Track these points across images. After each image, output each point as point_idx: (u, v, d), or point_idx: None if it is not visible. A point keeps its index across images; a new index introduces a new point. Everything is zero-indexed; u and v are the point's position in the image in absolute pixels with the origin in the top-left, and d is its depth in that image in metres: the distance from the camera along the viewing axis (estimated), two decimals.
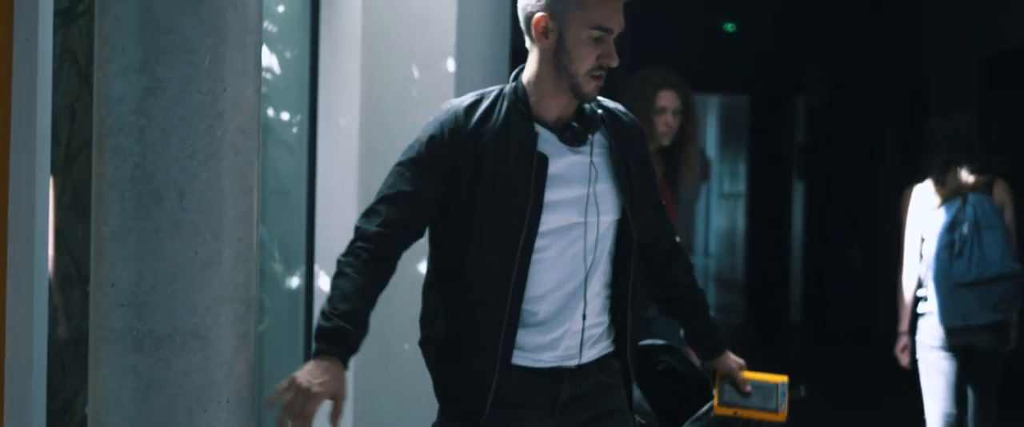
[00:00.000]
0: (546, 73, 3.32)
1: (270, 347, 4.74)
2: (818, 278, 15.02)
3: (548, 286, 3.34)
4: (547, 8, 3.27)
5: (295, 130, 4.97)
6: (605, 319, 3.44)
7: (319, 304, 4.96)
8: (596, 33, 3.26)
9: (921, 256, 6.34)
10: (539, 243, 3.31)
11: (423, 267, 3.53)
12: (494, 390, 3.31)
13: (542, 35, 3.28)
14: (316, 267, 5.00)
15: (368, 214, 3.32)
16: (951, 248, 6.17)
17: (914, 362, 6.42)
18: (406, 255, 3.34)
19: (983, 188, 6.27)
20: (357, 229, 3.31)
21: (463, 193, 3.30)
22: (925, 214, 6.32)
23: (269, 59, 4.67)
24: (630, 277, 3.44)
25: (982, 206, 6.21)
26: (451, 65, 5.16)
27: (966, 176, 6.28)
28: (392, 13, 5.14)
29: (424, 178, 3.30)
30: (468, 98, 3.35)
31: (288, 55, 4.88)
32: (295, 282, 4.95)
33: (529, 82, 3.35)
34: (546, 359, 3.37)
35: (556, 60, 3.29)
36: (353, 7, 5.00)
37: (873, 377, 11.00)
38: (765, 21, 14.62)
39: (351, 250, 3.27)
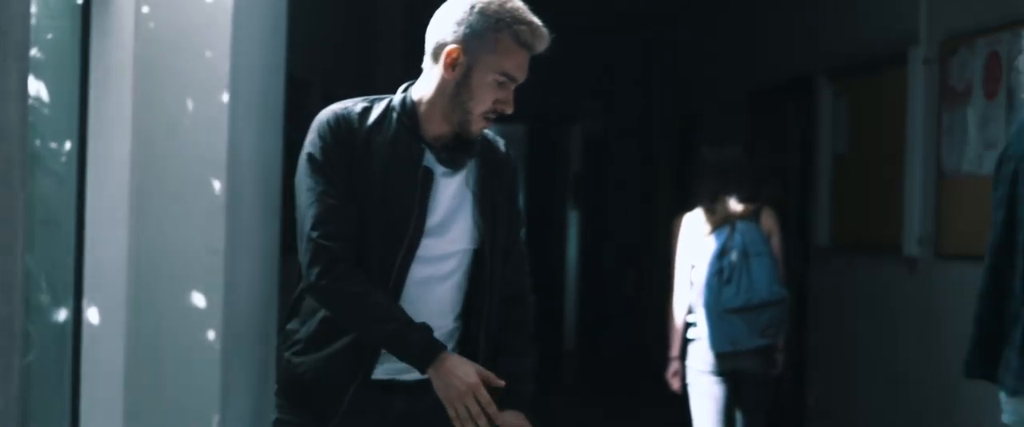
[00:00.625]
0: (440, 100, 3.36)
1: (36, 380, 4.62)
2: (593, 305, 15.22)
3: (414, 303, 3.35)
4: (462, 42, 3.31)
5: (64, 159, 4.86)
6: (453, 346, 3.43)
7: (88, 336, 4.86)
8: (501, 79, 3.36)
9: (692, 283, 6.48)
10: (415, 263, 3.35)
11: None
12: (350, 397, 3.34)
13: (450, 66, 3.32)
14: (84, 299, 4.89)
15: (325, 236, 3.27)
16: (720, 275, 6.32)
17: (685, 387, 6.55)
18: None
19: (751, 216, 6.44)
20: (325, 249, 3.26)
21: (352, 200, 3.33)
22: (695, 242, 6.46)
23: (37, 87, 4.56)
24: (483, 310, 3.44)
25: (750, 234, 6.37)
26: (225, 96, 5.12)
27: (735, 205, 6.44)
28: (166, 43, 5.07)
29: (340, 184, 3.29)
30: (357, 105, 3.37)
31: (57, 83, 4.77)
32: (62, 314, 4.84)
33: (420, 101, 3.38)
34: (380, 372, 3.39)
35: (455, 92, 3.34)
36: (125, 35, 4.92)
37: (645, 402, 11.18)
38: (542, 52, 14.76)
39: (339, 272, 3.27)
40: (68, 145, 4.88)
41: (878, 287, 8.56)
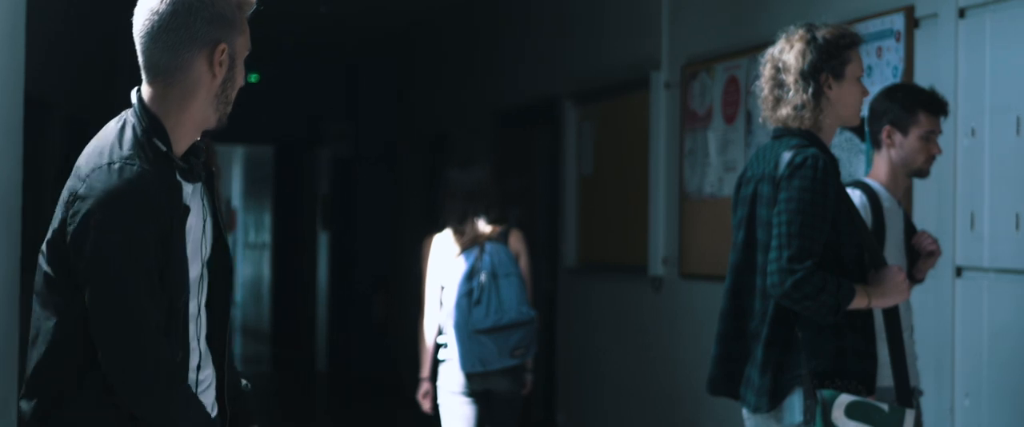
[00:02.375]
0: (201, 107, 3.03)
1: None
2: (343, 327, 15.15)
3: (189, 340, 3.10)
4: (224, 37, 3.03)
5: None
6: (210, 373, 3.18)
7: None
8: (244, 56, 3.11)
9: (441, 304, 6.50)
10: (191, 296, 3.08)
11: None
12: None
13: (219, 65, 3.02)
14: None
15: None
16: (470, 296, 6.35)
17: (436, 407, 6.56)
18: None
19: (499, 237, 6.49)
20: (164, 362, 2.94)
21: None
22: (445, 263, 6.49)
23: None
24: (227, 325, 3.21)
25: (499, 255, 6.43)
26: None
27: (483, 226, 6.49)
28: None
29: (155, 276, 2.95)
30: (125, 141, 2.95)
31: None
32: None
33: (165, 117, 3.01)
34: None
35: (222, 90, 3.05)
36: None
37: (397, 424, 11.16)
38: (289, 72, 14.70)
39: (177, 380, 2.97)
40: None
41: (625, 306, 8.72)
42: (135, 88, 3.06)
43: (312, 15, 12.35)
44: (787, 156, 4.21)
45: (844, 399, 4.06)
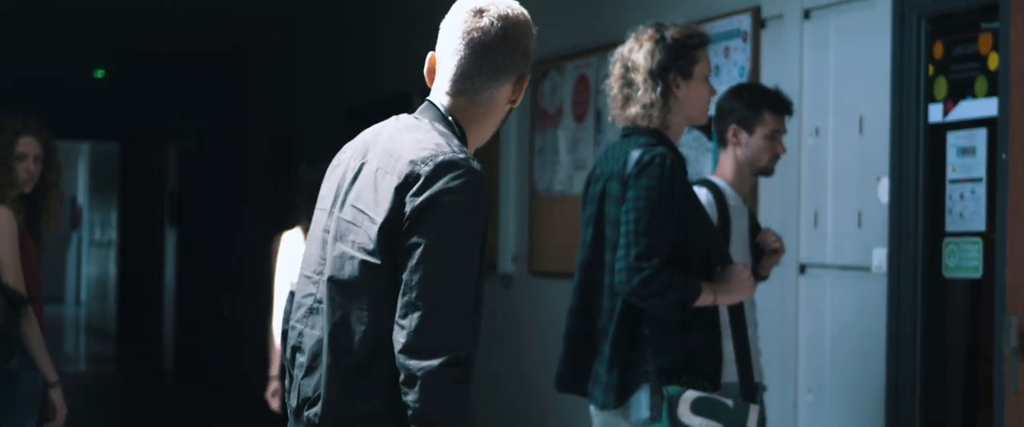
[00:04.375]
0: (491, 127, 3.15)
1: None
2: (190, 326, 14.98)
3: None
4: (527, 69, 3.12)
5: None
6: None
7: None
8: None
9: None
10: None
11: None
12: None
13: (519, 94, 3.11)
14: None
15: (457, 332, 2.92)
16: None
17: (285, 406, 6.51)
18: None
19: None
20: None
21: None
22: (294, 261, 6.44)
23: None
24: None
25: None
26: None
27: None
28: None
29: None
30: (454, 142, 3.00)
31: None
32: None
33: (468, 131, 3.12)
34: None
35: (507, 115, 3.15)
36: None
37: (245, 422, 11.07)
38: (136, 68, 14.50)
39: (466, 384, 2.94)
40: None
41: None
42: (433, 96, 3.09)
43: (159, 9, 12.20)
44: (636, 155, 4.25)
45: (690, 395, 4.11)
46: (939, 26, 5.32)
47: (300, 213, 6.52)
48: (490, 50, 3.02)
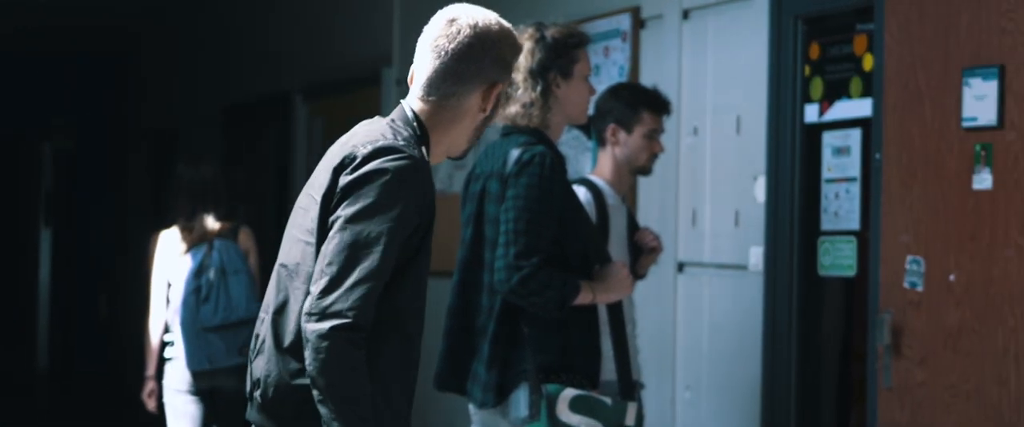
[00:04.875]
0: (460, 134, 3.18)
1: None
2: (66, 326, 14.76)
3: None
4: (501, 78, 3.17)
5: None
6: None
7: None
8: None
9: (168, 301, 6.38)
10: None
11: None
12: None
13: (490, 102, 3.17)
14: None
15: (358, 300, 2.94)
16: (198, 293, 6.25)
17: (161, 407, 6.44)
18: None
19: (229, 234, 6.41)
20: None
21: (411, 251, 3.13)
22: (172, 260, 6.37)
23: None
24: None
25: (228, 252, 6.34)
26: None
27: (212, 223, 6.39)
28: None
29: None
30: (404, 137, 3.07)
31: None
32: None
33: (433, 135, 3.17)
34: None
35: (481, 123, 3.21)
36: None
37: (121, 423, 10.94)
38: (10, 63, 14.25)
39: (359, 346, 2.93)
40: None
41: None
42: (405, 99, 3.16)
43: (33, 4, 12.00)
44: (515, 154, 4.25)
45: (569, 393, 4.13)
46: (815, 27, 5.39)
47: (178, 212, 6.45)
48: (456, 57, 3.10)
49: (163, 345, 6.41)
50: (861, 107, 5.14)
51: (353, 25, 8.90)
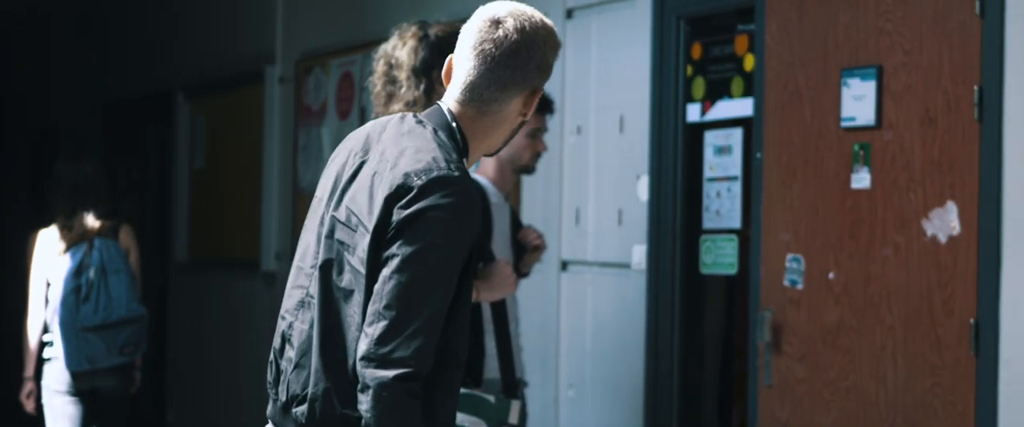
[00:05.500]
0: (498, 139, 3.09)
1: None
2: None
3: None
4: (541, 84, 3.04)
5: None
6: None
7: None
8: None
9: (47, 301, 6.29)
10: None
11: None
12: None
13: (530, 108, 3.04)
14: None
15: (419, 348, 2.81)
16: (78, 292, 6.17)
17: (40, 408, 6.35)
18: None
19: (109, 233, 6.33)
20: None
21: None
22: (51, 259, 6.28)
23: None
24: None
25: (108, 251, 6.26)
26: None
27: (92, 221, 6.31)
28: None
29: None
30: (450, 152, 2.94)
31: None
32: None
33: (473, 141, 3.06)
34: None
35: (517, 127, 3.10)
36: None
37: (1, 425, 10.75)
38: None
39: (417, 396, 2.81)
40: None
41: (237, 302, 8.63)
42: (444, 101, 3.01)
43: None
44: None
45: None
46: (697, 27, 5.44)
47: (57, 210, 6.36)
48: (500, 64, 2.95)
49: (42, 345, 6.32)
50: (742, 107, 5.19)
51: (236, 23, 8.83)
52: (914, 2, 4.53)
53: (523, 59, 2.96)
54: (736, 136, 5.24)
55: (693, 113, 5.40)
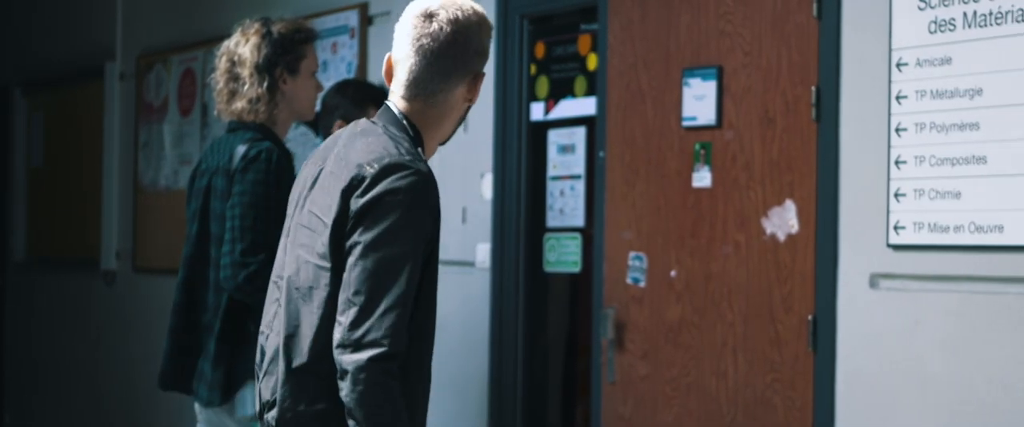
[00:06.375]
0: (449, 127, 3.14)
1: None
2: None
3: None
4: (482, 67, 3.11)
5: None
6: None
7: None
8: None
9: None
10: None
11: None
12: None
13: (474, 92, 3.10)
14: None
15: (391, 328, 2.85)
16: None
17: None
18: None
19: None
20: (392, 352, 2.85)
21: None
22: None
23: None
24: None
25: None
26: None
27: None
28: None
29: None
30: (404, 146, 2.97)
31: None
32: None
33: (425, 134, 3.10)
34: None
35: (465, 112, 3.15)
36: None
37: None
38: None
39: (395, 376, 2.85)
40: None
41: (77, 301, 8.48)
42: (391, 100, 3.08)
43: None
44: (241, 149, 4.21)
45: None
46: (541, 27, 5.47)
47: None
48: (440, 56, 3.03)
49: None
50: (585, 106, 5.23)
51: (75, 18, 8.67)
52: (754, 4, 4.60)
53: (461, 48, 3.03)
54: (579, 135, 5.27)
55: (537, 112, 5.43)
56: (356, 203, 2.90)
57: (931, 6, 4.11)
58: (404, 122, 3.04)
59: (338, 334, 2.85)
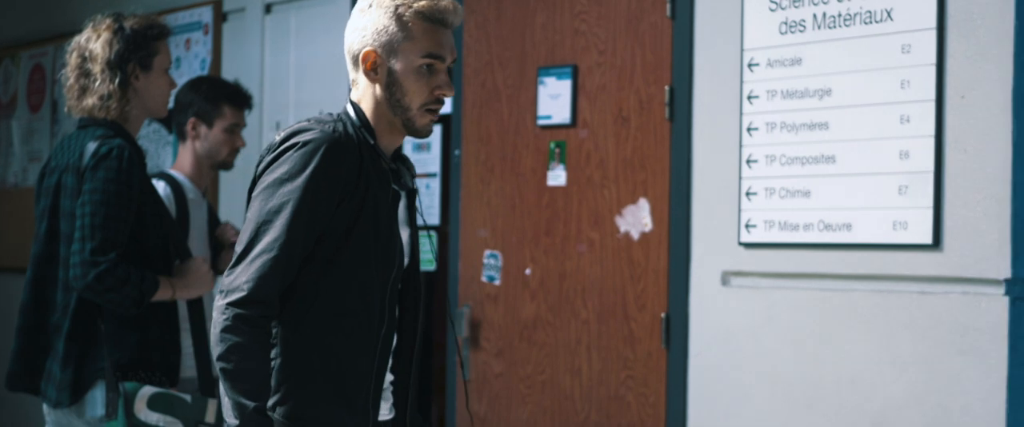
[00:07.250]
0: (381, 109, 3.08)
1: None
2: None
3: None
4: (374, 43, 3.05)
5: None
6: (390, 376, 3.30)
7: None
8: (428, 62, 3.06)
9: None
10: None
11: None
12: None
13: (372, 71, 3.06)
14: None
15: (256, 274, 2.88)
16: None
17: None
18: None
19: None
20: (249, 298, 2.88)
21: (342, 228, 2.98)
22: None
23: None
24: (417, 332, 3.28)
25: None
26: None
27: None
28: None
29: (321, 216, 2.94)
30: (329, 125, 2.99)
31: None
32: None
33: (367, 116, 3.08)
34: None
35: (389, 95, 3.06)
36: None
37: None
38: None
39: (249, 321, 2.86)
40: None
41: None
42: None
43: None
44: (92, 146, 4.14)
45: (147, 391, 4.05)
46: None
47: None
48: (347, 44, 3.10)
49: None
50: None
51: None
52: (608, 3, 4.64)
53: (358, 33, 3.07)
54: (435, 133, 5.27)
55: None
56: (262, 168, 2.98)
57: (782, 7, 4.18)
58: (349, 109, 3.09)
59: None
